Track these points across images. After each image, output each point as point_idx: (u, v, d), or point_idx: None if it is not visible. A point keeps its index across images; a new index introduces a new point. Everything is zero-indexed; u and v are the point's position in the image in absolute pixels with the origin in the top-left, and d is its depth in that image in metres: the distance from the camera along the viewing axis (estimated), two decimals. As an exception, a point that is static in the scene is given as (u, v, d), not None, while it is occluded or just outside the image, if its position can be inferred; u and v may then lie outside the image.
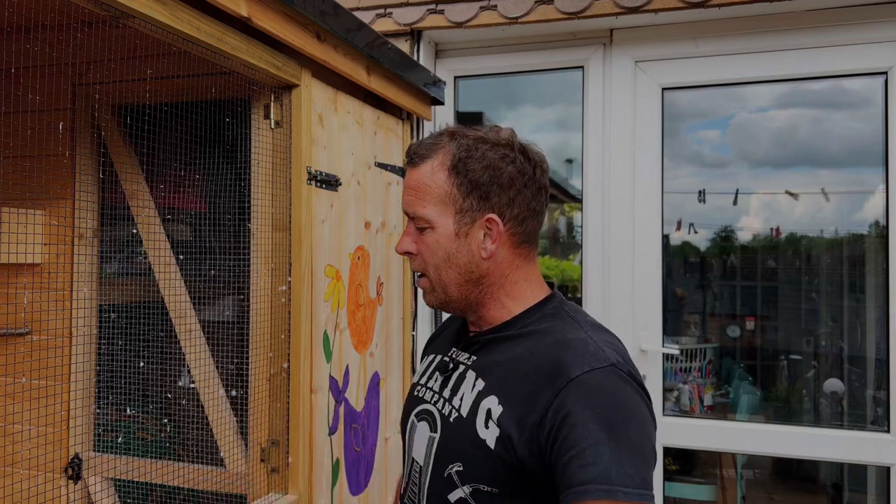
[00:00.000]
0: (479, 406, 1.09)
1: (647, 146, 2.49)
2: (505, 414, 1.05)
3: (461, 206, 1.14)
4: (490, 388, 1.10)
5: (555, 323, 1.14)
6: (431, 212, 1.15)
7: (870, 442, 2.29)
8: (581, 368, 1.01)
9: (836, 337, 2.82)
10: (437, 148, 1.17)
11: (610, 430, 0.96)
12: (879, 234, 2.36)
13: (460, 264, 1.16)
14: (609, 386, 1.01)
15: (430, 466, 1.14)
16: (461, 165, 1.14)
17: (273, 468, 1.71)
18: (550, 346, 1.08)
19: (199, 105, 1.76)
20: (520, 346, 1.12)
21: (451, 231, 1.15)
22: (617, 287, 2.50)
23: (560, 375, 1.02)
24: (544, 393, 1.02)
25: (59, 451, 1.93)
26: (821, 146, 2.61)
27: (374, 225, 2.15)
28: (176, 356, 1.95)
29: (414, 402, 1.26)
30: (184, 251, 1.92)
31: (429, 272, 1.18)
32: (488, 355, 1.16)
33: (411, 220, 1.19)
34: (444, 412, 1.16)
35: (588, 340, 1.08)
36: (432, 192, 1.15)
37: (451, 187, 1.14)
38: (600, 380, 1.01)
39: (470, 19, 2.47)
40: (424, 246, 1.17)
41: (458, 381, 1.17)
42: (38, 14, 1.44)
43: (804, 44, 2.34)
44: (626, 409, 1.00)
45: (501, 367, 1.12)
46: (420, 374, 1.32)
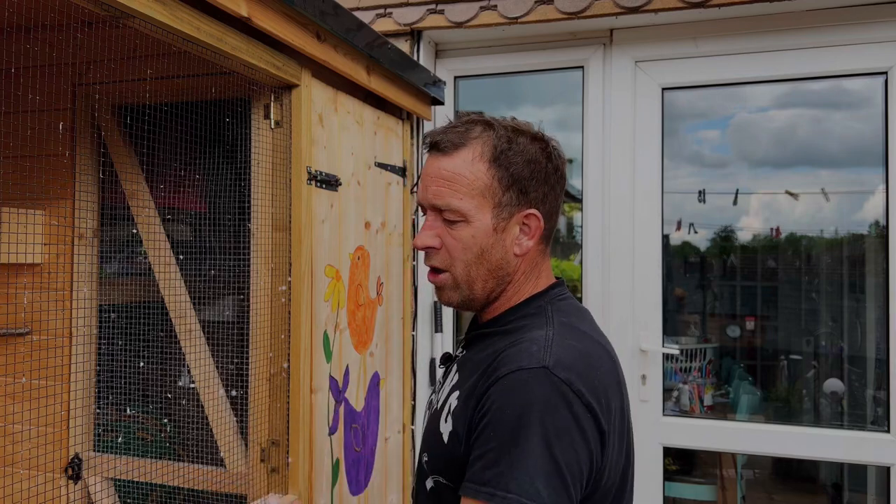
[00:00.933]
0: (448, 400, 1.10)
1: (647, 146, 2.49)
2: (458, 409, 1.05)
3: (500, 199, 1.09)
4: (459, 384, 1.11)
5: (529, 322, 1.10)
6: (468, 205, 1.08)
7: (870, 442, 2.29)
8: (509, 367, 0.98)
9: (836, 337, 2.82)
10: (472, 137, 1.09)
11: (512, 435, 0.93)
12: (879, 234, 2.36)
13: (492, 260, 1.11)
14: (529, 388, 0.95)
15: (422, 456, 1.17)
16: (503, 157, 1.08)
17: (273, 468, 1.71)
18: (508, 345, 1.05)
19: (199, 105, 1.76)
20: (492, 345, 1.10)
21: (488, 226, 1.09)
22: (617, 287, 2.50)
23: (494, 373, 1.00)
24: (479, 390, 1.02)
25: (59, 451, 1.93)
26: (821, 146, 2.61)
27: (374, 225, 2.15)
28: (176, 356, 1.95)
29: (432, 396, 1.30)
30: (184, 251, 1.92)
31: (455, 268, 1.11)
32: (471, 351, 1.17)
33: (436, 212, 1.11)
34: (432, 403, 1.21)
35: (539, 339, 1.02)
36: (470, 184, 1.08)
37: (491, 180, 1.08)
38: (523, 381, 0.96)
39: (470, 19, 2.47)
40: (454, 240, 1.10)
41: (447, 375, 1.20)
42: (38, 14, 1.44)
43: (804, 44, 2.34)
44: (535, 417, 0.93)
45: (472, 364, 1.11)
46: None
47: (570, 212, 4.11)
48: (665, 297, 2.50)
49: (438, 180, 1.09)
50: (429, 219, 1.13)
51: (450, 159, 1.09)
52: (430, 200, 1.11)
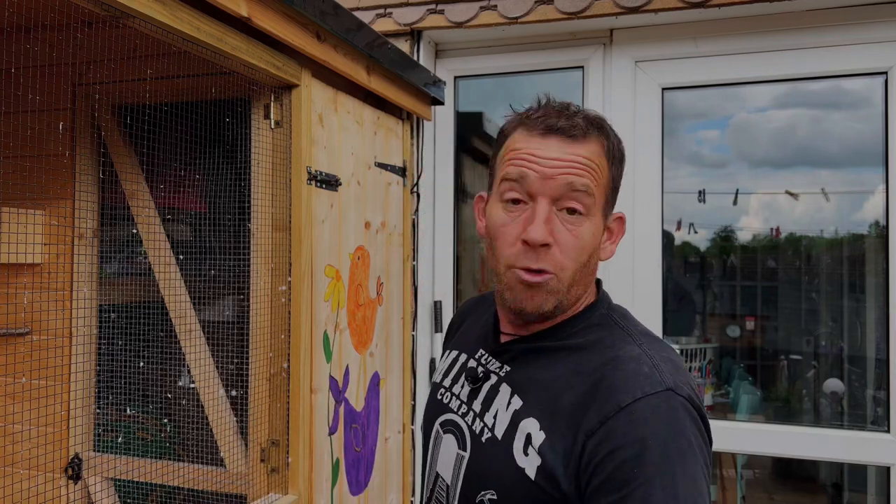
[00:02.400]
0: (518, 428, 0.97)
1: (648, 146, 2.49)
2: (547, 442, 0.93)
3: (608, 199, 1.02)
4: (529, 409, 0.98)
5: (603, 334, 1.01)
6: (593, 198, 0.97)
7: (870, 442, 2.29)
8: (633, 395, 0.89)
9: (836, 337, 2.82)
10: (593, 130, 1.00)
11: (664, 467, 0.85)
12: (879, 234, 2.36)
13: (591, 265, 1.02)
14: (662, 416, 0.88)
15: (458, 488, 1.04)
16: (617, 157, 1.02)
17: (273, 468, 1.71)
18: (600, 365, 0.96)
19: (199, 105, 1.76)
20: (562, 364, 1.00)
21: (600, 226, 1.01)
22: (617, 287, 2.50)
23: (608, 402, 0.90)
24: (589, 420, 0.91)
25: (59, 451, 1.93)
26: (820, 146, 2.61)
27: (374, 225, 2.15)
28: (176, 356, 1.95)
29: (438, 408, 1.14)
30: (184, 251, 1.92)
31: (566, 272, 0.98)
32: (525, 368, 1.03)
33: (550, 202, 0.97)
34: (474, 428, 1.04)
35: (642, 358, 0.95)
36: (599, 176, 0.99)
37: (609, 177, 1.01)
38: (653, 408, 0.88)
39: (470, 19, 2.47)
40: (572, 238, 0.97)
41: (489, 395, 1.05)
42: (38, 14, 1.44)
43: (804, 44, 2.34)
44: (682, 442, 0.87)
45: (541, 386, 0.99)
46: (443, 372, 1.20)
47: (570, 212, 4.08)
48: (665, 297, 2.50)
49: (577, 165, 0.97)
50: (542, 210, 0.96)
51: (581, 146, 0.98)
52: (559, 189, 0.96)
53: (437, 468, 1.10)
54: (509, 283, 1.00)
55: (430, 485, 1.12)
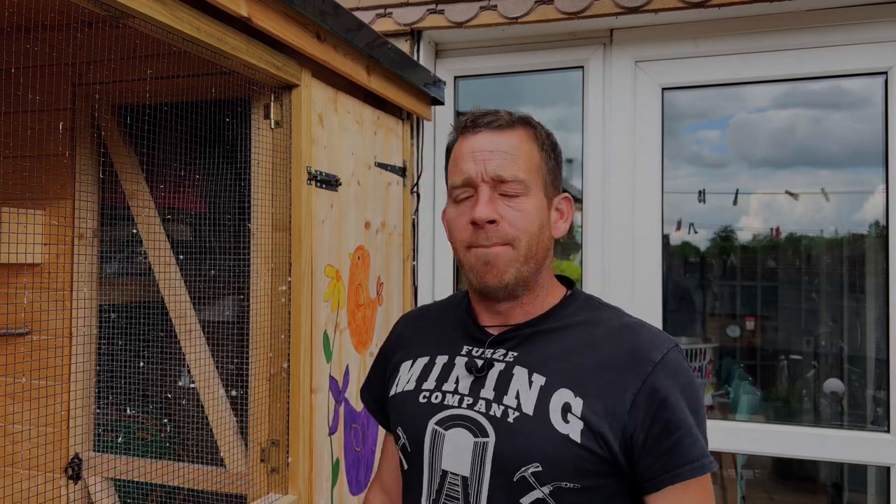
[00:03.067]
0: (550, 401, 1.04)
1: (648, 146, 2.49)
2: (587, 406, 1.03)
3: (545, 181, 1.13)
4: (556, 382, 1.06)
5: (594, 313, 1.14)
6: (528, 177, 1.10)
7: (870, 442, 2.29)
8: (661, 351, 1.05)
9: (836, 337, 2.81)
10: (518, 122, 1.14)
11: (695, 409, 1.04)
12: (879, 234, 2.36)
13: (544, 239, 1.12)
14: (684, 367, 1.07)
15: (484, 474, 1.05)
16: (547, 143, 1.15)
17: (273, 468, 1.71)
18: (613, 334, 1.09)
19: (199, 105, 1.76)
20: (571, 339, 1.10)
21: (544, 202, 1.12)
22: (617, 287, 2.50)
23: (643, 360, 1.04)
24: (629, 380, 1.03)
25: (59, 451, 1.93)
26: (820, 146, 2.60)
27: (374, 225, 2.15)
28: (176, 356, 1.95)
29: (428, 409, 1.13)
30: (184, 251, 1.92)
31: (519, 242, 1.09)
32: (534, 349, 1.11)
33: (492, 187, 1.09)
34: (492, 414, 1.06)
35: (644, 324, 1.12)
36: (528, 160, 1.11)
37: (540, 160, 1.13)
38: (678, 360, 1.06)
39: (470, 19, 2.47)
40: (517, 212, 1.09)
41: (502, 380, 1.09)
42: (38, 14, 1.44)
43: (804, 44, 2.34)
44: (697, 387, 1.07)
45: (559, 359, 1.08)
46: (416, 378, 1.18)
47: (570, 212, 4.08)
48: (665, 297, 2.50)
49: (500, 153, 1.09)
50: (483, 194, 1.09)
51: (505, 136, 1.11)
52: (493, 172, 1.08)
53: (444, 465, 1.09)
54: (471, 264, 1.11)
55: (436, 485, 1.10)
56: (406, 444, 1.15)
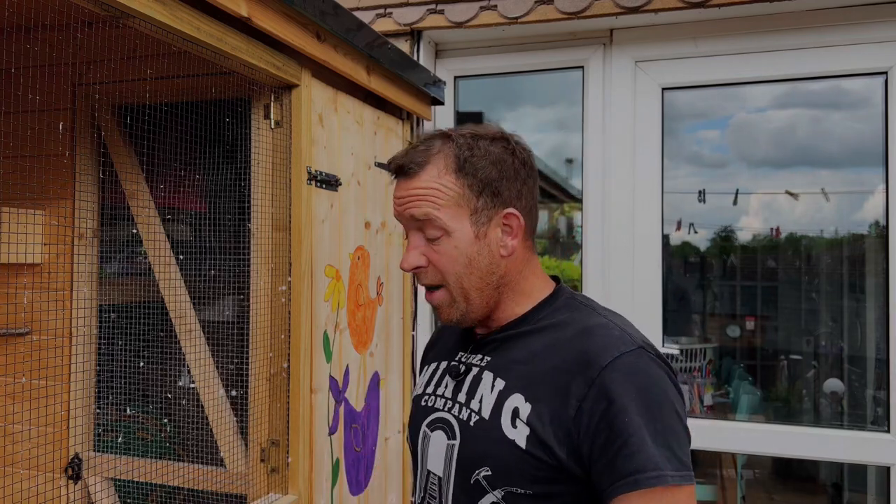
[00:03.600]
0: (504, 406, 1.05)
1: (647, 146, 2.49)
2: (534, 411, 1.01)
3: (475, 206, 1.09)
4: (512, 387, 1.06)
5: (571, 314, 1.11)
6: (446, 215, 1.08)
7: (870, 442, 2.29)
8: (611, 354, 0.99)
9: (836, 337, 2.82)
10: (433, 152, 1.10)
11: (649, 415, 0.95)
12: (879, 234, 2.36)
13: (482, 268, 1.10)
14: (641, 368, 0.99)
15: (451, 475, 1.09)
16: (468, 165, 1.09)
17: (273, 468, 1.71)
18: (573, 337, 1.06)
19: (199, 105, 1.76)
20: (537, 342, 1.09)
21: (469, 234, 1.09)
22: (617, 287, 2.50)
23: (591, 365, 0.99)
24: (576, 385, 0.99)
25: (59, 451, 1.93)
26: (820, 146, 2.61)
27: (374, 225, 2.15)
28: (176, 356, 1.95)
29: (423, 412, 1.20)
30: (184, 251, 1.92)
31: (448, 282, 1.10)
32: (504, 354, 1.12)
33: (418, 231, 1.12)
34: (461, 417, 1.10)
35: (610, 325, 1.06)
36: (443, 197, 1.08)
37: (462, 188, 1.08)
38: (632, 363, 0.99)
39: (470, 19, 2.47)
40: (440, 256, 1.10)
41: (473, 384, 1.12)
42: (38, 14, 1.44)
43: (804, 44, 2.34)
44: (661, 392, 0.98)
45: (521, 364, 1.08)
46: (424, 384, 1.25)
47: (569, 212, 4.11)
48: (665, 297, 2.50)
49: (412, 199, 1.10)
50: (412, 240, 1.13)
51: (417, 179, 1.09)
52: (408, 215, 1.10)
53: (429, 465, 1.15)
54: None
55: (423, 484, 1.16)
56: (410, 445, 1.23)
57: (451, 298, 1.11)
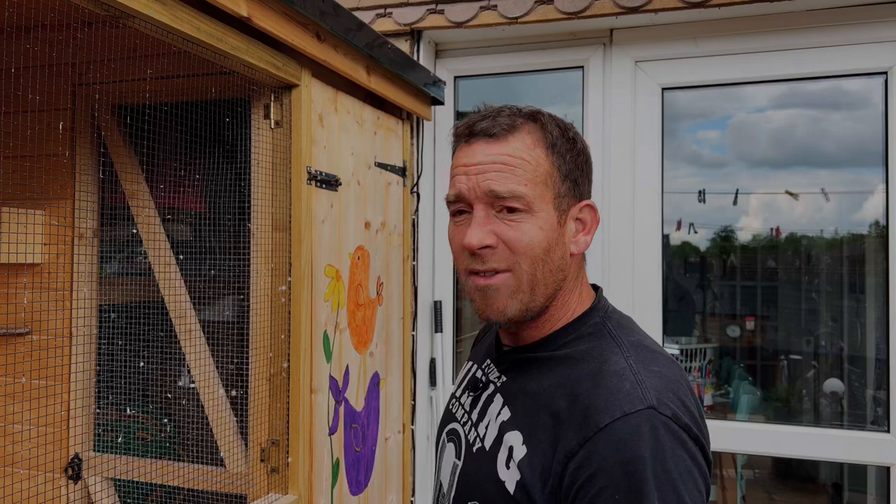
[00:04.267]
0: (503, 440, 0.96)
1: (648, 146, 2.49)
2: (527, 458, 0.91)
3: (559, 190, 0.97)
4: (514, 421, 0.96)
5: (593, 344, 0.97)
6: (532, 192, 0.94)
7: (870, 442, 2.29)
8: (612, 415, 0.85)
9: (836, 337, 2.81)
10: (522, 122, 0.98)
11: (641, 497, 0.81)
12: (879, 234, 2.36)
13: (555, 260, 0.97)
14: (643, 438, 0.83)
15: (451, 495, 1.04)
16: (559, 145, 0.98)
17: (273, 468, 1.71)
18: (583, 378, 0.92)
19: (199, 105, 1.76)
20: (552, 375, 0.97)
21: (553, 219, 0.97)
22: (617, 287, 2.50)
23: (587, 422, 0.86)
24: (568, 440, 0.87)
25: (59, 451, 1.93)
26: (820, 146, 2.61)
27: (374, 225, 2.15)
28: (176, 356, 1.95)
29: (448, 418, 1.15)
30: (184, 251, 1.92)
31: (520, 267, 0.95)
32: (517, 379, 1.02)
33: (488, 204, 0.96)
34: (469, 438, 1.04)
35: (626, 372, 0.90)
36: (533, 170, 0.95)
37: (551, 167, 0.97)
38: (633, 429, 0.83)
39: (470, 19, 2.47)
40: (519, 234, 0.95)
41: (485, 404, 1.04)
42: (38, 14, 1.44)
43: (804, 44, 2.34)
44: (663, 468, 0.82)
45: (529, 398, 0.97)
46: (458, 384, 1.19)
47: (570, 212, 4.07)
48: (665, 297, 2.50)
49: (497, 165, 0.95)
50: (478, 214, 0.96)
51: (505, 144, 0.96)
52: (487, 188, 0.95)
53: (440, 476, 1.10)
54: (469, 293, 1.00)
55: (435, 492, 1.12)
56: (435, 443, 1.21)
57: (516, 286, 0.96)
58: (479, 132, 0.98)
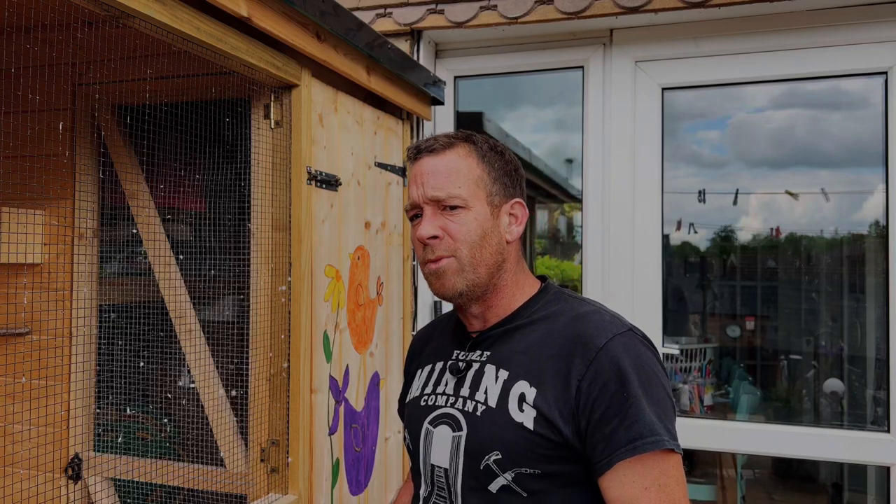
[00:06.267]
0: (510, 393, 1.12)
1: (648, 146, 2.49)
2: (539, 395, 1.09)
3: (490, 190, 1.20)
4: (516, 375, 1.13)
5: (562, 305, 1.20)
6: (466, 192, 1.18)
7: (870, 442, 2.29)
8: (605, 336, 1.09)
9: (836, 337, 2.82)
10: (457, 141, 1.22)
11: (643, 389, 1.05)
12: (879, 234, 2.36)
13: (492, 244, 1.19)
14: (632, 349, 1.08)
15: (459, 465, 1.14)
16: (489, 155, 1.22)
17: (273, 468, 1.71)
18: (567, 324, 1.15)
19: (199, 105, 1.76)
20: (535, 332, 1.17)
21: (486, 212, 1.19)
22: (617, 287, 2.50)
23: (587, 347, 1.08)
24: (575, 366, 1.08)
25: (59, 451, 1.93)
26: (819, 146, 2.61)
27: (374, 225, 2.15)
28: (176, 356, 1.95)
29: (423, 412, 1.24)
30: (184, 251, 1.92)
31: (461, 252, 1.17)
32: (504, 346, 1.19)
33: (434, 206, 1.19)
34: (466, 409, 1.17)
35: (600, 310, 1.17)
36: (465, 175, 1.19)
37: (482, 172, 1.20)
38: (625, 343, 1.09)
39: (470, 19, 2.47)
40: (458, 226, 1.17)
41: (476, 378, 1.19)
42: (38, 14, 1.44)
43: (804, 44, 2.34)
44: (650, 369, 1.08)
45: (522, 354, 1.15)
46: (420, 386, 1.30)
47: (569, 212, 4.12)
48: (665, 297, 2.50)
49: (436, 175, 1.18)
50: (427, 213, 1.19)
51: (443, 157, 1.20)
52: (429, 194, 1.18)
53: (433, 460, 1.20)
54: (427, 278, 1.22)
55: (429, 477, 1.21)
56: (409, 444, 1.27)
57: (458, 267, 1.17)
58: (424, 149, 1.22)
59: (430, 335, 1.42)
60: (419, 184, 1.21)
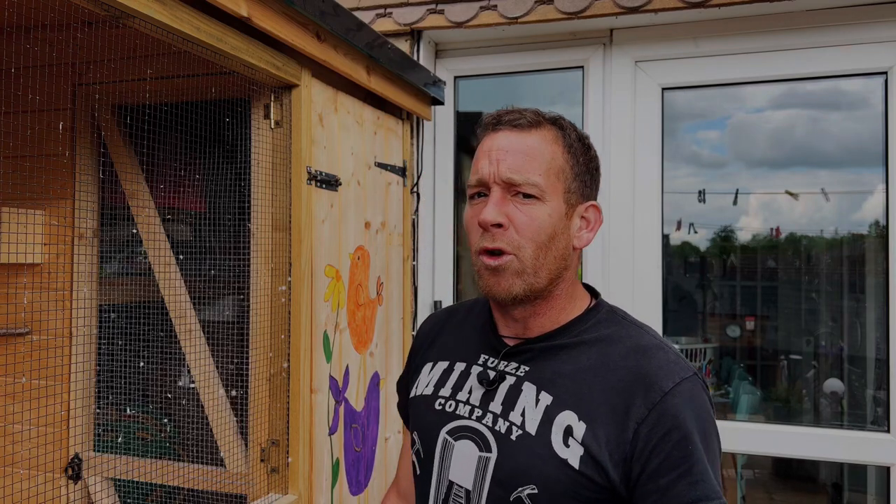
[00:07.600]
0: (554, 422, 1.01)
1: (647, 146, 2.49)
2: (589, 431, 0.98)
3: (569, 186, 1.06)
4: (562, 403, 1.01)
5: (617, 328, 1.08)
6: (545, 182, 1.03)
7: (870, 442, 2.29)
8: (672, 381, 0.98)
9: (836, 337, 2.81)
10: (545, 122, 1.08)
11: (706, 445, 0.97)
12: (879, 234, 2.36)
13: (559, 248, 1.05)
14: (698, 397, 0.99)
15: (484, 490, 1.03)
16: (576, 146, 1.08)
17: (273, 468, 1.71)
18: (626, 355, 1.03)
19: (199, 105, 1.76)
20: (585, 356, 1.05)
21: (562, 209, 1.05)
22: (617, 287, 2.50)
23: (651, 388, 0.98)
24: (635, 407, 0.97)
25: (59, 451, 1.93)
26: (819, 146, 2.61)
27: (374, 225, 2.15)
28: (176, 356, 1.95)
29: (439, 417, 1.12)
30: (184, 251, 1.92)
31: (524, 251, 1.03)
32: (547, 365, 1.06)
33: (505, 189, 1.04)
34: (497, 429, 1.05)
35: (663, 346, 1.04)
36: (548, 163, 1.04)
37: (565, 163, 1.06)
38: (691, 390, 0.99)
39: (470, 19, 2.47)
40: (528, 219, 1.03)
41: (511, 395, 1.06)
42: (38, 14, 1.44)
43: (804, 44, 2.34)
44: (711, 421, 1.00)
45: (569, 378, 1.03)
46: (433, 384, 1.17)
47: (569, 212, 4.06)
48: (665, 296, 2.50)
49: (517, 154, 1.04)
50: (495, 195, 1.04)
51: (527, 135, 1.05)
52: (504, 174, 1.03)
53: (451, 476, 1.08)
54: (479, 271, 1.07)
55: (444, 494, 1.10)
56: (420, 450, 1.15)
57: (519, 267, 1.03)
58: (506, 122, 1.07)
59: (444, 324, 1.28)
60: (493, 160, 1.04)
